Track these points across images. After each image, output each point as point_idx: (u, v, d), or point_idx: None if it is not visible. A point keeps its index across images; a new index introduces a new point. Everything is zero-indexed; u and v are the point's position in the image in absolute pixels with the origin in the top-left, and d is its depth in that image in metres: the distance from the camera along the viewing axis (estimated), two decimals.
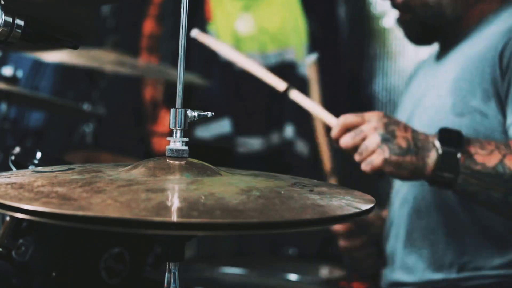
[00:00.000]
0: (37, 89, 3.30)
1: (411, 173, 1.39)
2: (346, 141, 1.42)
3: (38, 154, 1.27)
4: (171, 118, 1.01)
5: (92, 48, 2.70)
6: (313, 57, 2.04)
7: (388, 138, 1.38)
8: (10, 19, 1.03)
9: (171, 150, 1.00)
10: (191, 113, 1.02)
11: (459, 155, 1.36)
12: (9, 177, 0.96)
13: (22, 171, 1.04)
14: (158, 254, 1.36)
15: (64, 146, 3.25)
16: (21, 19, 1.04)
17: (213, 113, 1.05)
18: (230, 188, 0.92)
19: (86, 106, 2.90)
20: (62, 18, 1.23)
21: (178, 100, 1.00)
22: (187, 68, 1.01)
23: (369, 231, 1.85)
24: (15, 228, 1.20)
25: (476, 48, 1.58)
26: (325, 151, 1.83)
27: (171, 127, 1.01)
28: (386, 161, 1.37)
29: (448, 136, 1.40)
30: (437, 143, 1.38)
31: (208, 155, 1.14)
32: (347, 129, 1.43)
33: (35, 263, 1.21)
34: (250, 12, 3.31)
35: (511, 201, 1.36)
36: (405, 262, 1.67)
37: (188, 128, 1.01)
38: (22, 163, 1.26)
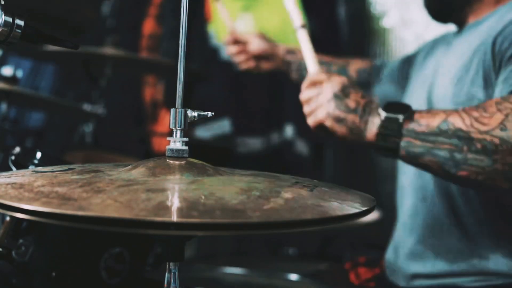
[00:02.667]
0: (37, 89, 3.30)
1: (350, 131, 1.43)
2: (304, 94, 1.50)
3: (38, 154, 1.27)
4: (171, 118, 1.01)
5: (92, 46, 2.70)
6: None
7: (339, 96, 1.44)
8: (10, 19, 1.03)
9: (171, 150, 1.00)
10: (191, 113, 1.02)
11: (401, 119, 1.38)
12: (9, 177, 0.96)
13: (22, 171, 1.04)
14: (158, 254, 1.36)
15: (64, 146, 3.25)
16: (21, 19, 1.04)
17: (213, 113, 1.05)
18: (230, 188, 0.92)
19: (86, 106, 2.89)
20: (63, 12, 1.23)
21: (178, 100, 1.00)
22: (187, 68, 1.01)
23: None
24: (15, 228, 1.20)
25: (480, 38, 1.59)
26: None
27: (171, 127, 1.01)
28: (328, 115, 1.44)
29: (394, 106, 1.42)
30: (381, 111, 1.41)
31: (208, 155, 1.14)
32: (314, 84, 1.50)
33: (35, 263, 1.21)
34: (250, 12, 3.31)
35: (457, 157, 1.33)
36: (414, 253, 1.69)
37: (188, 128, 1.01)
38: (22, 163, 1.26)
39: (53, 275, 1.22)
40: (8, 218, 1.20)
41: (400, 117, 1.38)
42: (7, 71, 2.16)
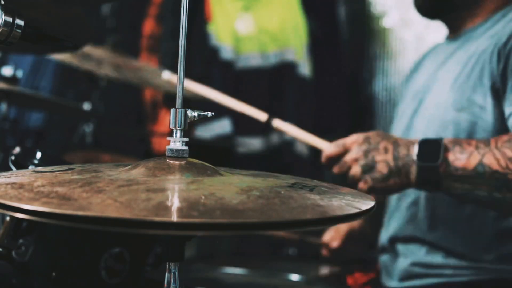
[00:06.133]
0: (37, 89, 3.30)
1: (399, 190, 1.50)
2: (334, 171, 1.52)
3: (38, 154, 1.27)
4: (171, 118, 1.01)
5: (92, 46, 2.70)
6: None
7: (368, 167, 1.44)
8: (10, 19, 1.03)
9: (171, 150, 1.00)
10: (191, 113, 1.02)
11: (437, 166, 1.39)
12: (9, 177, 0.96)
13: (22, 171, 1.04)
14: (158, 254, 1.36)
15: (64, 146, 3.25)
16: (21, 19, 1.04)
17: (213, 113, 1.05)
18: (230, 188, 0.92)
19: (86, 106, 2.90)
20: (61, 18, 1.23)
21: (178, 100, 1.00)
22: (187, 68, 1.01)
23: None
24: (15, 228, 1.20)
25: (479, 47, 1.61)
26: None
27: (171, 127, 1.01)
28: (371, 189, 1.46)
29: (427, 149, 1.42)
30: (415, 158, 1.42)
31: (208, 155, 1.14)
32: (332, 160, 1.51)
33: (35, 263, 1.21)
34: (250, 12, 3.30)
35: (497, 196, 1.38)
36: (410, 251, 1.71)
37: (188, 128, 1.01)
38: (22, 163, 1.26)
39: (53, 275, 1.22)
40: (8, 218, 1.20)
41: (437, 165, 1.39)
42: (7, 71, 2.16)
